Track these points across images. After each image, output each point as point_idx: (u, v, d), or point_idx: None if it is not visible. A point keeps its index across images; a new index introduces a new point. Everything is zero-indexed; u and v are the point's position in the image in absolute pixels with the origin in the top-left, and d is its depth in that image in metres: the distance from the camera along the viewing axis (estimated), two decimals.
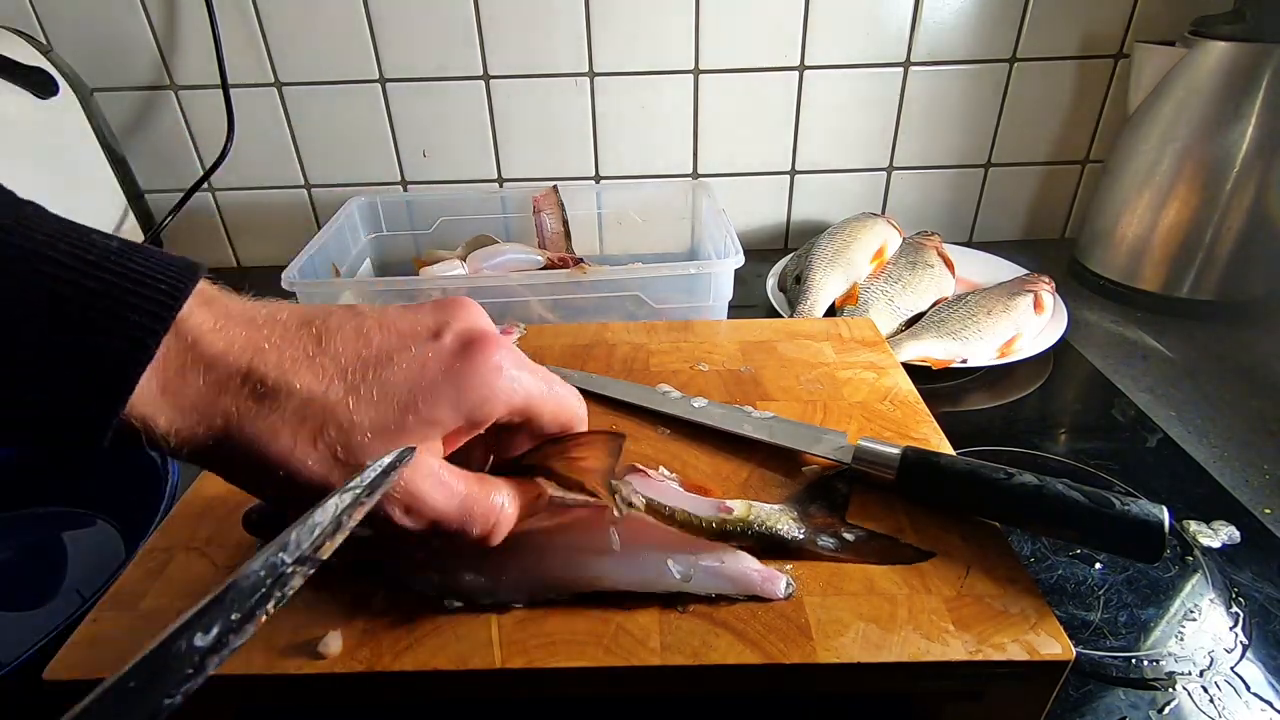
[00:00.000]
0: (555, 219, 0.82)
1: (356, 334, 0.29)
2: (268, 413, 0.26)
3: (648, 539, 0.34)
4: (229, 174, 0.88)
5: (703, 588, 0.33)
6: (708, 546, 0.34)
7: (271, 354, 0.27)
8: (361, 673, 0.31)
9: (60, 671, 0.31)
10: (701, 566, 0.34)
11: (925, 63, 0.85)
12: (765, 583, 0.33)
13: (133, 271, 0.25)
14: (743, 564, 0.34)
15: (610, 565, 0.34)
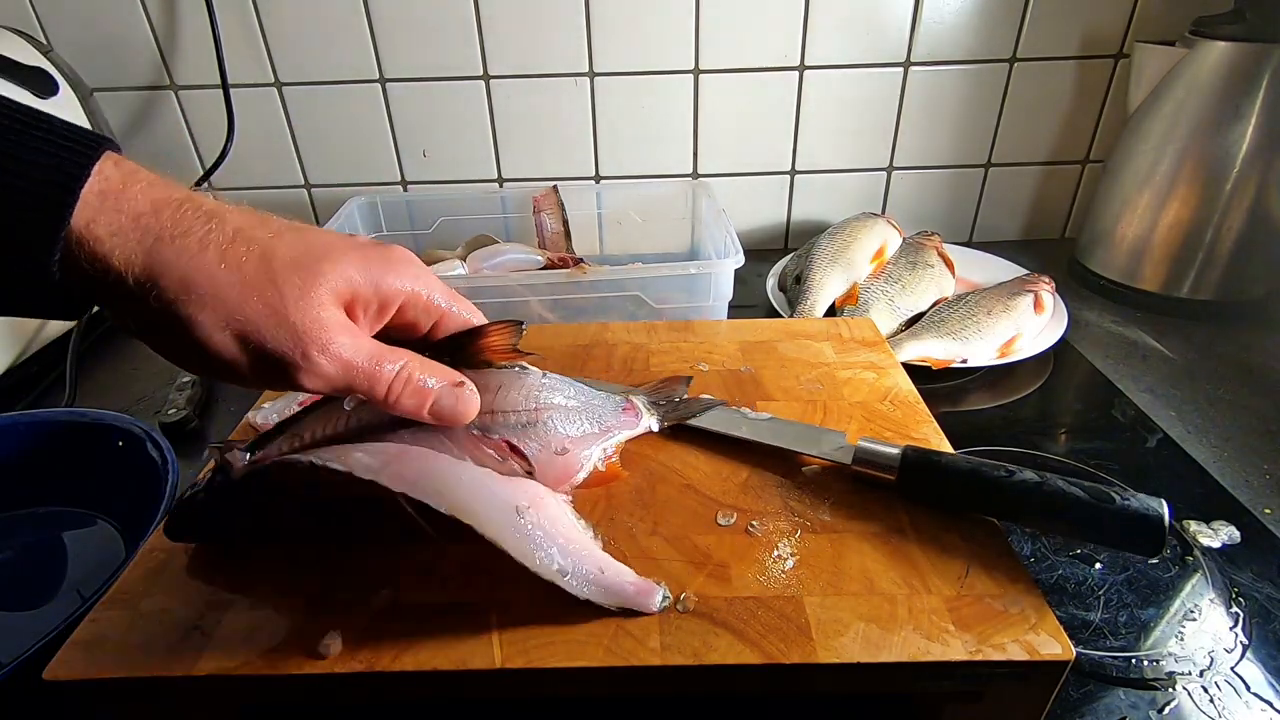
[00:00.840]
0: (555, 219, 0.82)
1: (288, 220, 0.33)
2: (200, 229, 0.29)
3: (547, 521, 0.34)
4: (229, 174, 0.88)
5: (575, 588, 0.33)
6: (592, 554, 0.35)
7: (208, 197, 0.31)
8: (361, 673, 0.31)
9: (60, 671, 0.31)
10: (582, 570, 0.34)
11: (925, 63, 0.85)
12: (638, 596, 0.33)
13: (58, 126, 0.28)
14: (621, 577, 0.34)
15: (498, 516, 0.33)
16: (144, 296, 0.28)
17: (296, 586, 0.35)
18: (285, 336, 0.30)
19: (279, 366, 0.30)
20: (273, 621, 0.34)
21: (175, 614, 0.34)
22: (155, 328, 0.29)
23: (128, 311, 0.29)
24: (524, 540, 0.33)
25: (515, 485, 0.35)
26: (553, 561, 0.33)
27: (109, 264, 0.27)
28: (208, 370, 0.30)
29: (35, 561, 0.50)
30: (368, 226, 0.87)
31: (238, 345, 0.29)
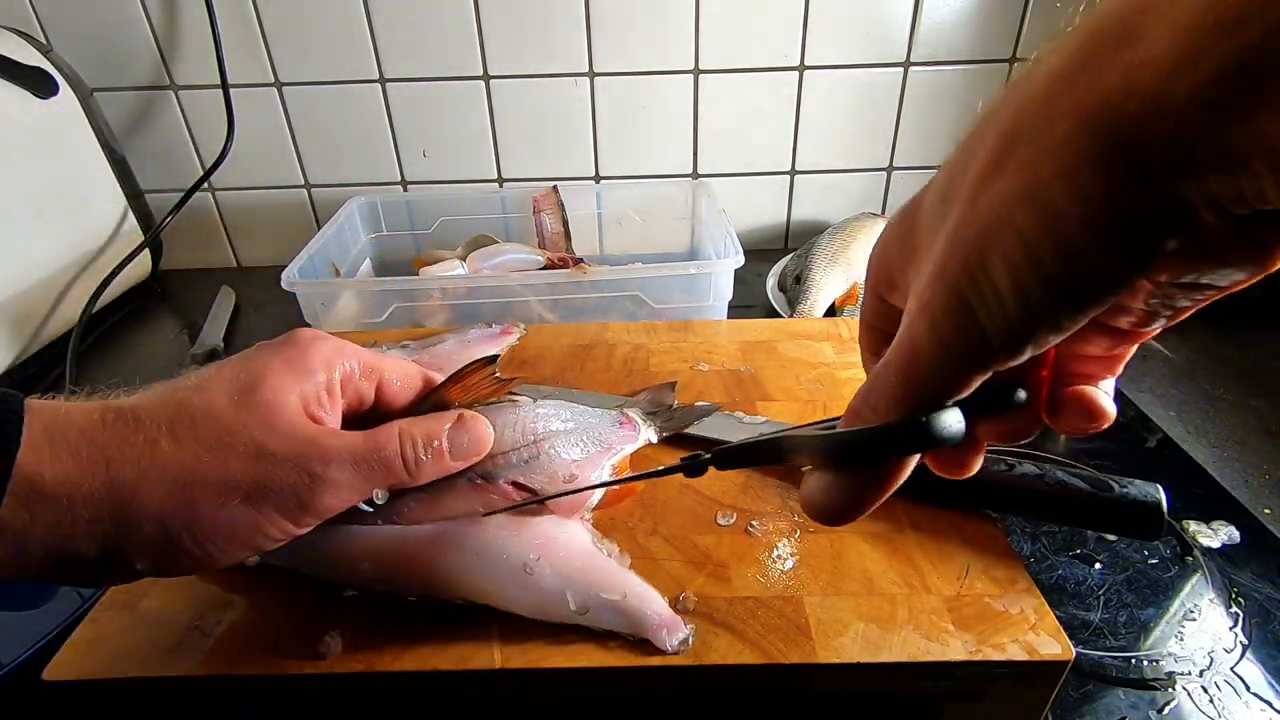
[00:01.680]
0: (555, 219, 0.82)
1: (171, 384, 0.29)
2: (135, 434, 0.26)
3: (559, 565, 0.33)
4: (229, 174, 0.88)
5: (598, 622, 0.32)
6: (612, 579, 0.33)
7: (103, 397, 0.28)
8: (361, 673, 0.31)
9: (60, 671, 0.31)
10: (600, 599, 0.33)
11: (925, 63, 0.85)
12: (660, 628, 0.32)
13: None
14: (646, 603, 0.33)
15: (510, 586, 0.33)
16: (125, 532, 0.26)
17: (296, 587, 0.35)
18: (283, 472, 0.28)
19: (296, 502, 0.28)
20: (273, 621, 0.34)
21: (175, 614, 0.34)
22: (155, 553, 0.27)
23: (115, 563, 0.26)
24: (538, 596, 0.33)
25: (525, 535, 0.34)
26: (569, 604, 0.32)
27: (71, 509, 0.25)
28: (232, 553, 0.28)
29: None
30: (368, 226, 0.87)
31: (245, 509, 0.27)
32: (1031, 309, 0.18)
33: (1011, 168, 0.18)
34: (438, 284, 0.68)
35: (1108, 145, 0.16)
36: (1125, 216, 0.17)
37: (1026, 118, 0.18)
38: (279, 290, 0.64)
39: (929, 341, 0.20)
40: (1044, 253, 0.18)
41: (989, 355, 0.20)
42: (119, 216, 0.81)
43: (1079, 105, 0.17)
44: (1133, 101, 0.16)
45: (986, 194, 0.19)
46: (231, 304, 0.83)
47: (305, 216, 0.93)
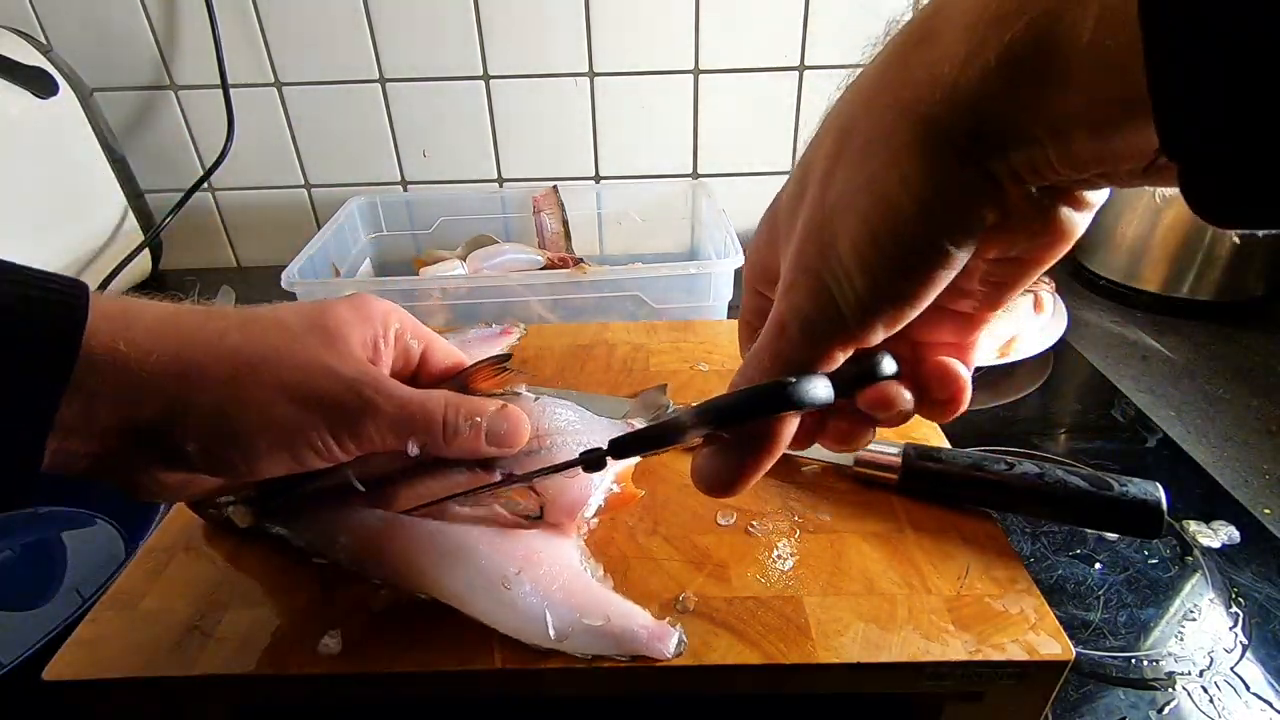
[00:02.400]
0: (555, 219, 0.82)
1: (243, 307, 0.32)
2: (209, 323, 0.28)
3: (539, 582, 0.33)
4: (229, 174, 0.88)
5: (580, 648, 0.31)
6: (595, 602, 0.32)
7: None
8: (361, 673, 0.31)
9: (60, 671, 0.31)
10: (583, 625, 0.31)
11: None
12: (652, 640, 0.31)
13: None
14: (630, 620, 0.32)
15: (485, 597, 0.32)
16: (185, 406, 0.27)
17: (296, 586, 0.35)
18: (339, 389, 0.29)
19: (343, 419, 0.29)
20: (273, 621, 0.34)
21: (175, 614, 0.34)
22: (206, 434, 0.28)
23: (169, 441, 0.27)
24: (512, 614, 0.32)
25: (509, 546, 0.34)
26: (548, 629, 0.31)
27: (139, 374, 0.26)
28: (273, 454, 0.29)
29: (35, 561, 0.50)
30: (368, 226, 0.87)
31: (296, 410, 0.28)
32: (877, 284, 0.21)
33: (849, 159, 0.21)
34: (438, 284, 0.68)
35: (921, 132, 0.19)
36: (944, 193, 0.19)
37: (858, 114, 0.21)
38: (279, 290, 0.64)
39: (792, 320, 0.23)
40: (882, 232, 0.20)
41: (846, 330, 0.22)
42: (119, 216, 0.81)
43: (896, 100, 0.20)
44: (937, 91, 0.18)
45: (831, 184, 0.21)
46: (231, 304, 0.83)
47: (305, 216, 0.93)
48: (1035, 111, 0.17)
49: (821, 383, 0.23)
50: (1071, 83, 0.16)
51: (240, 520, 0.36)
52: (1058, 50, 0.16)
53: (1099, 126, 0.17)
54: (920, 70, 0.19)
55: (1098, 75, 0.16)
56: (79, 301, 0.26)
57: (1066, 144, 0.18)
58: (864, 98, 0.21)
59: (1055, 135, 0.17)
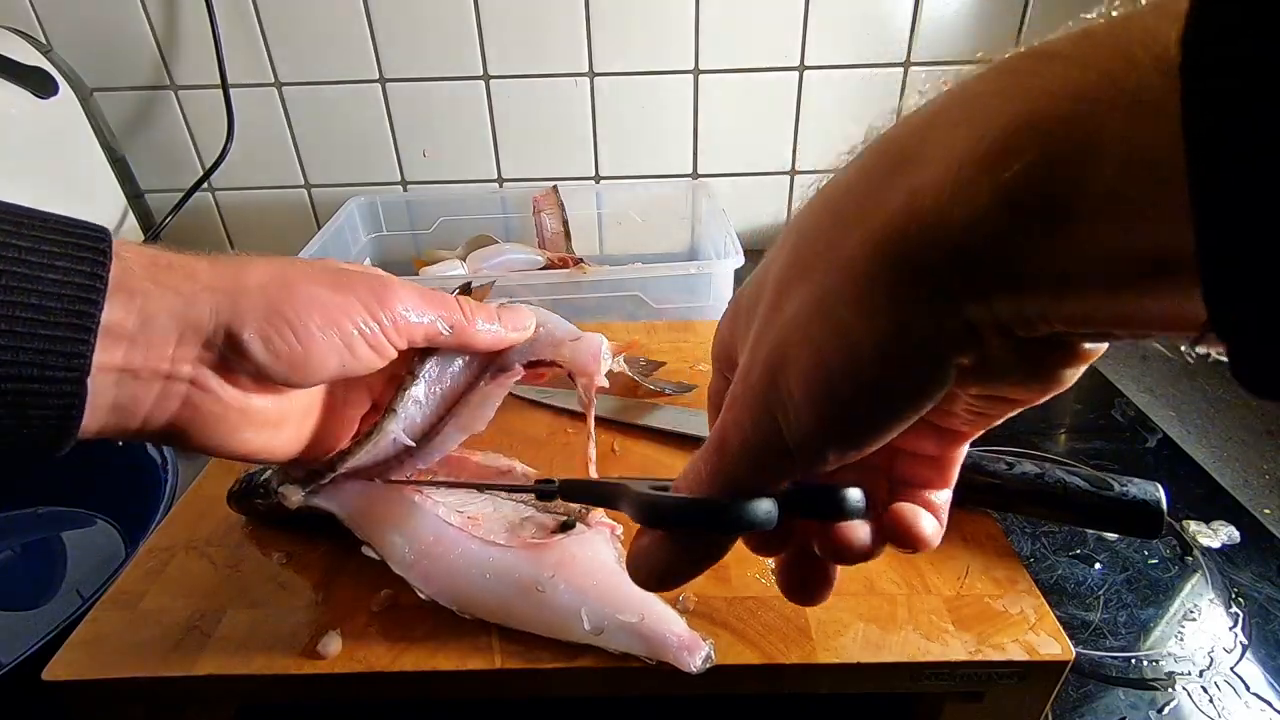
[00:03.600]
0: (555, 219, 0.82)
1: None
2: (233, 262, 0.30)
3: (573, 583, 0.33)
4: (229, 174, 0.88)
5: (613, 644, 0.31)
6: (631, 599, 0.32)
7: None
8: (361, 673, 0.31)
9: (60, 671, 0.31)
10: (617, 620, 0.32)
11: (925, 63, 0.85)
12: (680, 650, 0.31)
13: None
14: (664, 625, 0.32)
15: (528, 606, 0.33)
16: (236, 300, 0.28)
17: (296, 586, 0.35)
18: (363, 276, 0.32)
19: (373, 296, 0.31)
20: (273, 621, 0.34)
21: (175, 614, 0.34)
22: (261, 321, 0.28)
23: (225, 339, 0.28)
24: (550, 614, 0.32)
25: (542, 558, 0.34)
26: (584, 623, 0.32)
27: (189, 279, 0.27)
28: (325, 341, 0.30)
29: (35, 561, 0.50)
30: (368, 226, 0.87)
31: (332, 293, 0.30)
32: (825, 425, 0.18)
33: (809, 276, 0.18)
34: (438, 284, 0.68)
35: (892, 266, 0.16)
36: (908, 336, 0.16)
37: (823, 228, 0.18)
38: None
39: (734, 439, 0.20)
40: (835, 371, 0.17)
41: (790, 462, 0.19)
42: (119, 216, 0.81)
43: (865, 222, 0.17)
44: (914, 224, 0.16)
45: (786, 299, 0.19)
46: None
47: (305, 216, 0.93)
48: (1032, 259, 0.15)
49: (763, 506, 0.20)
50: (1082, 233, 0.14)
51: (290, 499, 0.35)
52: (1068, 196, 0.14)
53: (1119, 285, 0.14)
54: (896, 196, 0.16)
55: (1119, 227, 0.13)
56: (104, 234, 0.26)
57: (1075, 301, 0.15)
58: (830, 210, 0.18)
59: (1055, 286, 0.15)
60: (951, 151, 0.15)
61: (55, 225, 0.25)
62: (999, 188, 0.14)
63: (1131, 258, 0.13)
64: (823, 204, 0.19)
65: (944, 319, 0.16)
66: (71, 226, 0.25)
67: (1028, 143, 0.14)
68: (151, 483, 0.48)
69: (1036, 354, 0.18)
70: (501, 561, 0.34)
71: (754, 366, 0.20)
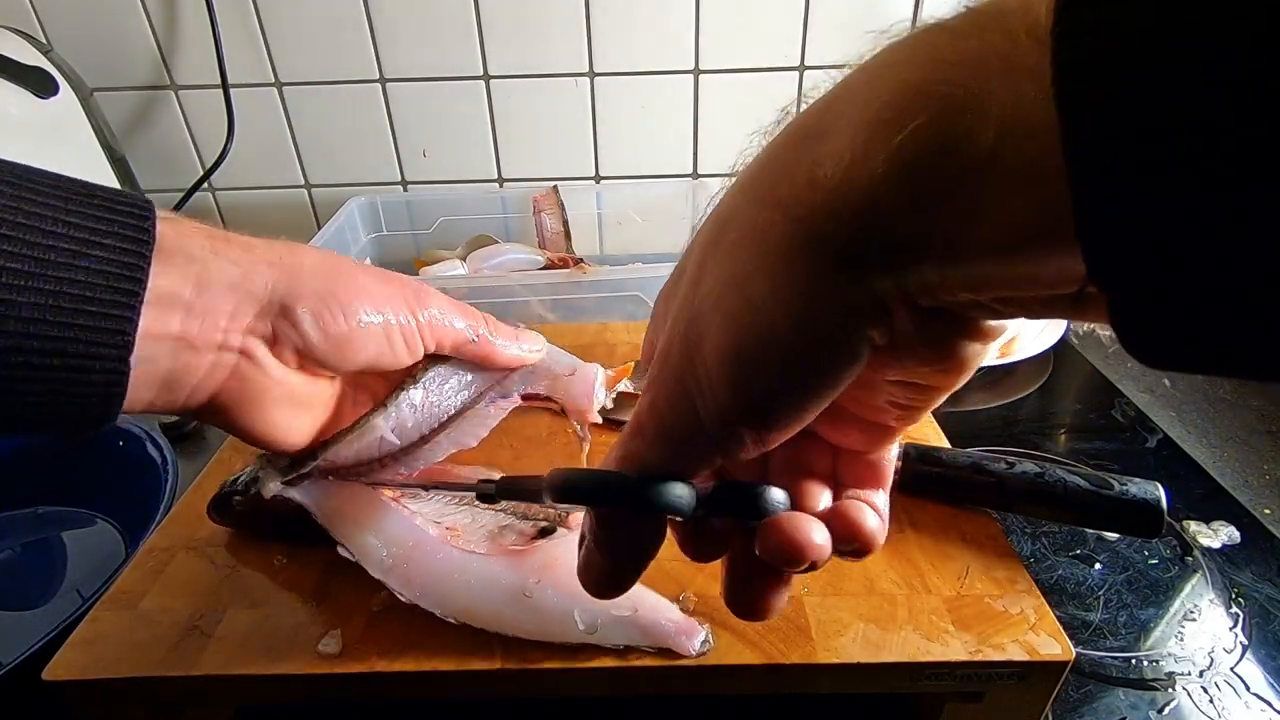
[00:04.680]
0: (555, 219, 0.82)
1: None
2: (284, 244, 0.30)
3: (561, 585, 0.33)
4: (229, 174, 0.88)
5: (610, 639, 0.32)
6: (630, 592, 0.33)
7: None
8: (361, 673, 0.31)
9: (60, 671, 0.31)
10: (611, 616, 0.32)
11: None
12: (679, 635, 0.32)
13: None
14: (658, 613, 0.32)
15: (518, 611, 0.32)
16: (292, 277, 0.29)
17: (296, 586, 0.35)
18: (403, 281, 0.33)
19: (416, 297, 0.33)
20: (273, 621, 0.34)
21: (175, 614, 0.34)
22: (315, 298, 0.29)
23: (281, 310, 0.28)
24: (539, 617, 0.32)
25: (525, 564, 0.34)
26: (576, 624, 0.32)
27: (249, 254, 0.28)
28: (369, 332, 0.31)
29: (35, 561, 0.50)
30: (368, 226, 0.87)
31: (382, 286, 0.32)
32: (741, 401, 0.18)
33: (723, 253, 0.18)
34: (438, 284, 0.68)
35: (797, 237, 0.16)
36: (818, 308, 0.16)
37: (737, 205, 0.18)
38: None
39: (651, 421, 0.20)
40: (748, 343, 0.17)
41: (706, 443, 0.19)
42: None
43: (773, 196, 0.17)
44: (817, 194, 0.16)
45: (703, 278, 0.19)
46: None
47: (305, 216, 0.93)
48: (925, 226, 0.15)
49: (676, 489, 0.20)
50: (970, 197, 0.14)
51: (267, 485, 0.35)
52: (954, 158, 0.14)
53: (1010, 248, 0.14)
54: (802, 168, 0.16)
55: (1002, 191, 0.14)
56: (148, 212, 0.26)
57: (969, 265, 0.15)
58: (743, 188, 0.19)
59: (948, 253, 0.15)
60: (850, 121, 0.16)
61: (103, 201, 0.25)
62: (892, 153, 0.14)
63: (1017, 220, 0.14)
64: (738, 185, 0.19)
65: (851, 290, 0.16)
66: (117, 202, 0.25)
67: (917, 107, 0.14)
68: (151, 483, 0.48)
69: (941, 331, 0.18)
70: (486, 570, 0.33)
71: (670, 346, 0.20)
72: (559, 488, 0.22)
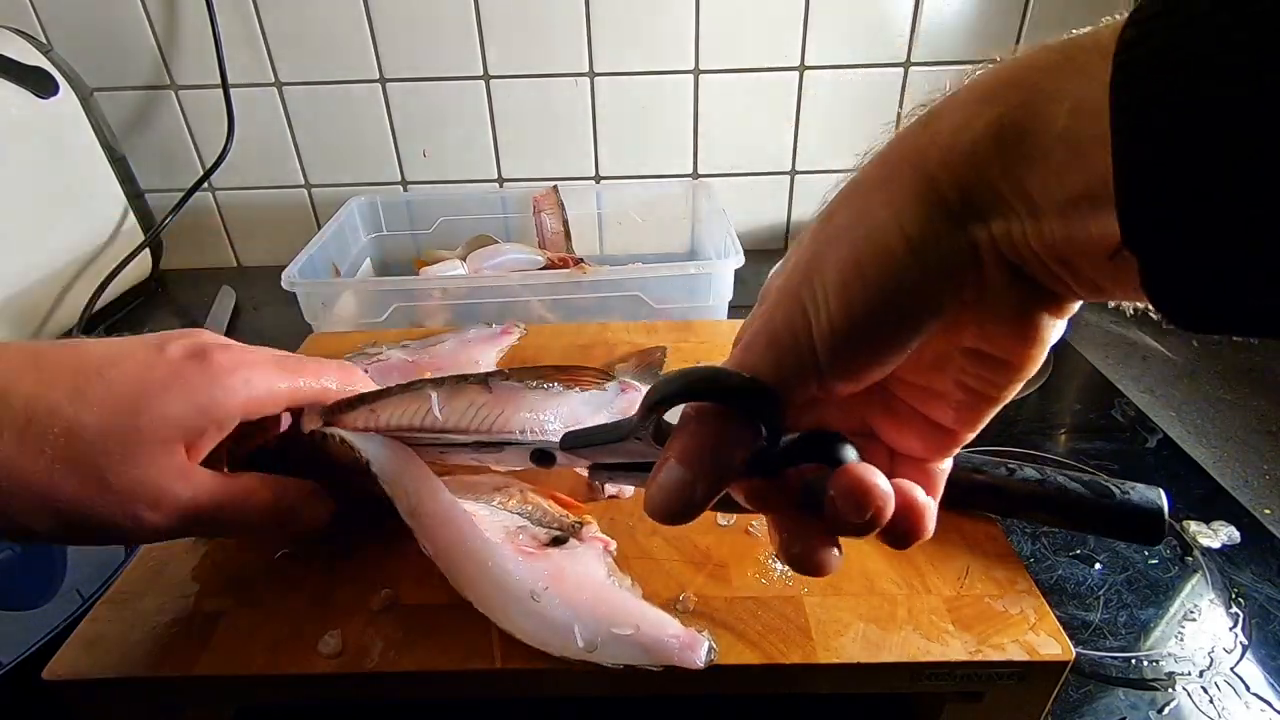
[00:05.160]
0: (555, 219, 0.82)
1: (77, 349, 0.29)
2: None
3: (566, 598, 0.33)
4: (229, 174, 0.88)
5: (611, 658, 0.31)
6: (624, 611, 0.33)
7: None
8: (361, 673, 0.31)
9: (60, 671, 0.31)
10: (612, 634, 0.32)
11: (925, 63, 0.85)
12: (683, 650, 0.31)
13: None
14: (661, 630, 0.32)
15: (514, 611, 0.32)
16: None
17: (296, 586, 0.35)
18: (110, 505, 0.27)
19: (108, 534, 0.28)
20: (273, 621, 0.34)
21: (175, 614, 0.34)
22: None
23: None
24: (541, 625, 0.32)
25: (537, 564, 0.34)
26: (576, 639, 0.31)
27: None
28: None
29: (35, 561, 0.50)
30: (368, 226, 0.87)
31: (57, 526, 0.27)
32: (852, 315, 0.21)
33: (851, 200, 0.22)
34: (438, 284, 0.68)
35: (919, 182, 0.20)
36: (931, 242, 0.20)
37: (868, 169, 0.22)
38: (279, 290, 0.64)
39: (761, 333, 0.23)
40: (868, 263, 0.21)
41: (811, 357, 0.22)
42: (119, 216, 0.81)
43: (903, 155, 0.21)
44: (934, 150, 0.20)
45: (830, 221, 0.22)
46: (231, 304, 0.83)
47: (305, 216, 0.93)
48: (1012, 184, 0.19)
49: (774, 395, 0.22)
50: (1045, 163, 0.18)
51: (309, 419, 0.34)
52: (1035, 132, 0.18)
53: (1067, 209, 0.18)
54: (924, 136, 0.21)
55: (1069, 160, 0.17)
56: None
57: (1038, 221, 0.19)
58: (878, 160, 0.22)
59: (1029, 210, 0.19)
60: (961, 102, 0.20)
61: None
62: (991, 121, 0.19)
63: (1076, 184, 0.17)
64: (867, 162, 0.22)
65: (955, 234, 0.20)
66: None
67: (1011, 92, 0.19)
68: None
69: (1021, 295, 0.21)
70: (502, 560, 0.34)
71: (793, 275, 0.22)
72: (664, 394, 0.23)
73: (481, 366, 0.52)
